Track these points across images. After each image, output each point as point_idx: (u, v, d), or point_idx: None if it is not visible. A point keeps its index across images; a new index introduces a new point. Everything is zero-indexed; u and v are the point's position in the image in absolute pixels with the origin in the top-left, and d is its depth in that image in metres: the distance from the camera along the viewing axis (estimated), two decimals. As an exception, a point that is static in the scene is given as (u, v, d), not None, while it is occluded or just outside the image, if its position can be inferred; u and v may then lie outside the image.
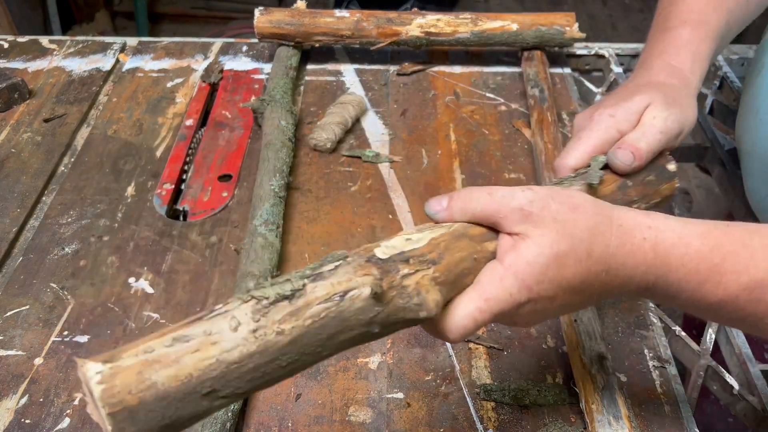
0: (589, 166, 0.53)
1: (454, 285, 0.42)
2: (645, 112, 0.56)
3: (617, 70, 1.01)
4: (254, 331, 0.35)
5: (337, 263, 0.38)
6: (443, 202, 0.45)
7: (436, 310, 0.40)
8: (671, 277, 0.44)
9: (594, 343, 0.58)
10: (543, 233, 0.42)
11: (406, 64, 0.99)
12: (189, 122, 0.88)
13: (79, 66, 0.97)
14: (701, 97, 0.99)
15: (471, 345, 0.63)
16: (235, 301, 0.36)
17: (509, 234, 0.43)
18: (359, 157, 0.83)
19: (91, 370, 0.33)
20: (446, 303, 0.42)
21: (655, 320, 0.65)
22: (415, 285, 0.40)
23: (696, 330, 0.91)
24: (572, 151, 0.54)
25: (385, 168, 0.82)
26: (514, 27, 0.93)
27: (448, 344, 0.63)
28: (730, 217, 0.96)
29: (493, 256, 0.43)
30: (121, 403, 0.33)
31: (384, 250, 0.40)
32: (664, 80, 0.60)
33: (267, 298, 0.36)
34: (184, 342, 0.34)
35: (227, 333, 0.34)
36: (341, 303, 0.37)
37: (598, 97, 0.97)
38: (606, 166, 0.53)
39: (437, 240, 0.42)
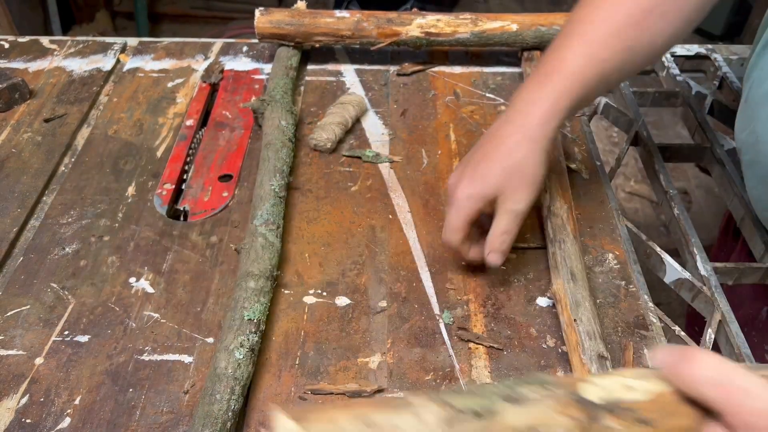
0: None
1: None
2: (498, 205, 0.63)
3: (617, 70, 1.01)
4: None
5: (540, 389, 0.35)
6: (670, 358, 0.36)
7: None
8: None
9: (594, 343, 0.58)
10: None
11: (406, 64, 0.99)
12: (189, 122, 0.88)
13: (79, 66, 0.97)
14: (701, 97, 0.99)
15: (471, 345, 0.63)
16: (424, 398, 0.34)
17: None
18: (359, 157, 0.83)
19: (283, 427, 0.33)
20: None
21: (654, 320, 0.65)
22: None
23: (696, 328, 0.91)
24: (453, 233, 0.64)
25: (385, 168, 0.82)
26: (514, 27, 0.93)
27: (448, 343, 0.63)
28: (730, 217, 0.96)
29: None
30: None
31: (595, 390, 0.35)
32: (515, 147, 0.63)
33: (460, 411, 0.34)
34: (372, 428, 0.33)
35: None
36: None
37: (597, 98, 0.97)
38: None
39: (662, 398, 0.35)
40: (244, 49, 1.02)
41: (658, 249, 0.75)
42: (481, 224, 0.66)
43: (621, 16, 0.62)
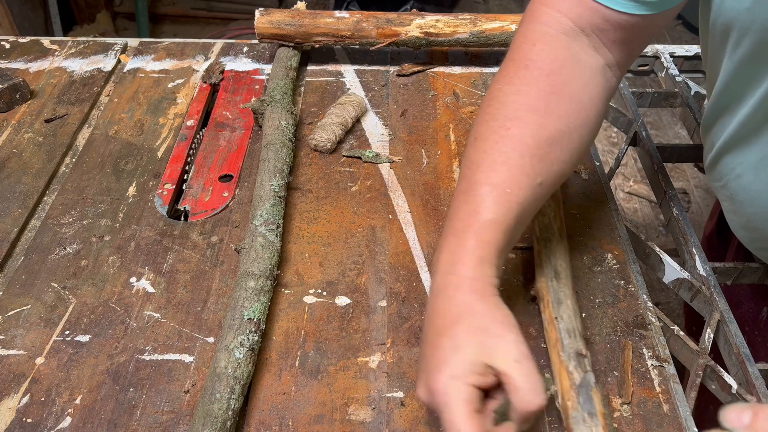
0: None
1: None
2: (495, 367, 0.49)
3: (616, 70, 1.01)
4: None
5: None
6: (745, 417, 0.37)
7: None
8: None
9: (573, 340, 0.58)
10: None
11: (406, 64, 0.99)
12: (190, 123, 0.88)
13: (80, 66, 0.98)
14: (700, 98, 1.00)
15: (470, 344, 0.63)
16: None
17: None
18: (359, 158, 0.83)
19: None
20: None
21: (653, 320, 0.66)
22: None
23: (695, 328, 0.91)
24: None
25: (385, 168, 0.82)
26: (513, 27, 0.94)
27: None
28: (715, 209, 0.97)
29: None
30: None
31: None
32: (467, 305, 0.52)
33: None
34: None
35: None
36: None
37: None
38: None
39: None
40: (245, 49, 1.02)
41: (657, 249, 0.75)
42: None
43: (526, 152, 0.55)
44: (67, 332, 0.63)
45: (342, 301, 0.67)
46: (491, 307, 0.51)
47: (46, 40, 1.03)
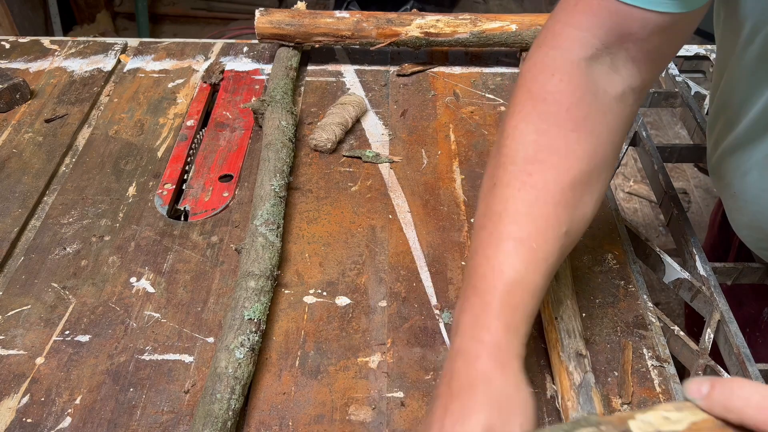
0: None
1: None
2: None
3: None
4: None
5: (591, 429, 0.39)
6: (703, 388, 0.39)
7: None
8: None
9: (573, 341, 0.58)
10: None
11: (406, 64, 0.99)
12: (190, 123, 0.88)
13: (80, 66, 0.98)
14: (700, 98, 1.00)
15: (470, 344, 0.63)
16: None
17: None
18: (359, 158, 0.83)
19: None
20: None
21: (654, 320, 0.66)
22: None
23: (696, 329, 0.91)
24: None
25: (385, 168, 0.82)
26: (513, 27, 0.94)
27: (448, 343, 0.63)
28: (717, 209, 0.96)
29: None
30: None
31: (642, 426, 0.39)
32: (487, 374, 0.49)
33: None
34: None
35: None
36: None
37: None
38: None
39: (698, 427, 0.39)
40: (245, 49, 1.02)
41: (657, 249, 0.75)
42: None
43: (550, 199, 0.52)
44: (67, 332, 0.63)
45: (342, 301, 0.67)
46: (510, 383, 0.48)
47: (46, 40, 1.03)
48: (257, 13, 0.94)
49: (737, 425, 0.37)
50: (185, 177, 0.81)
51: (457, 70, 0.99)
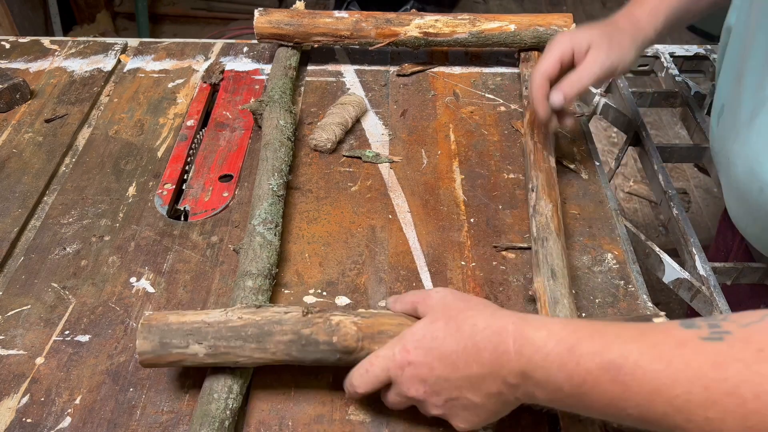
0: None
1: (372, 339, 0.55)
2: (590, 52, 0.72)
3: (616, 70, 1.01)
4: (226, 312, 0.56)
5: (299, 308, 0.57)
6: (391, 301, 0.59)
7: (348, 340, 0.54)
8: (535, 359, 0.46)
9: None
10: (430, 314, 0.53)
11: (406, 64, 0.99)
12: (190, 123, 0.88)
13: (80, 66, 0.98)
14: (699, 98, 1.00)
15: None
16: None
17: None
18: (359, 158, 0.83)
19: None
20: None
21: (654, 320, 0.66)
22: (338, 321, 0.55)
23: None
24: (541, 63, 0.73)
25: (385, 168, 0.82)
26: (512, 28, 0.94)
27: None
28: (727, 216, 0.96)
29: None
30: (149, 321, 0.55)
31: (338, 306, 0.59)
32: (622, 25, 0.75)
33: (246, 306, 0.57)
34: (192, 314, 0.56)
35: (214, 313, 0.56)
36: (283, 315, 0.56)
37: (596, 98, 0.97)
38: None
39: (379, 317, 0.57)
40: (245, 49, 1.02)
41: (657, 249, 0.75)
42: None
43: None
44: (67, 332, 0.63)
45: (342, 301, 0.67)
46: (629, 41, 0.75)
47: (46, 40, 1.03)
48: (256, 12, 0.94)
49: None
50: (185, 177, 0.81)
51: (456, 70, 0.99)
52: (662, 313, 0.60)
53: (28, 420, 0.56)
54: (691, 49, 1.08)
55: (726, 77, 0.75)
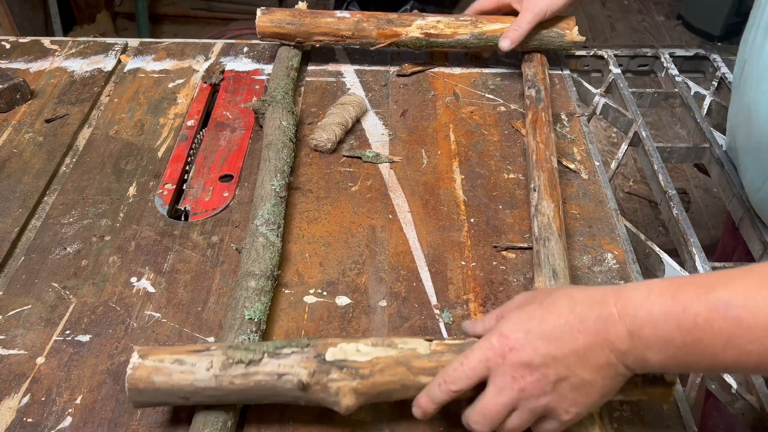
0: None
1: (377, 397, 0.53)
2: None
3: (616, 71, 1.01)
4: (216, 376, 0.52)
5: (296, 349, 0.53)
6: (469, 325, 0.56)
7: (346, 411, 0.52)
8: (640, 315, 0.45)
9: None
10: (517, 304, 0.53)
11: (406, 65, 0.99)
12: (190, 123, 0.88)
13: (80, 67, 0.98)
14: (700, 98, 1.00)
15: (470, 344, 0.63)
16: (220, 347, 0.53)
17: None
18: (359, 158, 0.83)
19: (133, 356, 0.52)
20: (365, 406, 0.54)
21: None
22: (337, 388, 0.52)
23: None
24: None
25: (385, 168, 0.82)
26: (514, 28, 0.94)
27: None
28: (728, 216, 0.97)
29: (422, 387, 0.52)
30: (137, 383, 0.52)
31: (335, 352, 0.52)
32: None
33: (232, 359, 0.52)
34: (179, 365, 0.52)
35: (202, 371, 0.52)
36: (277, 381, 0.52)
37: (596, 98, 0.97)
38: None
39: (378, 360, 0.52)
40: (245, 49, 1.03)
41: (657, 249, 0.75)
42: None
43: None
44: (67, 332, 0.63)
45: (342, 300, 0.67)
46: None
47: (46, 40, 1.03)
48: (258, 11, 0.94)
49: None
50: (185, 177, 0.81)
51: (457, 70, 0.99)
52: None
53: (29, 420, 0.56)
54: (691, 50, 1.08)
55: (754, 26, 0.77)
